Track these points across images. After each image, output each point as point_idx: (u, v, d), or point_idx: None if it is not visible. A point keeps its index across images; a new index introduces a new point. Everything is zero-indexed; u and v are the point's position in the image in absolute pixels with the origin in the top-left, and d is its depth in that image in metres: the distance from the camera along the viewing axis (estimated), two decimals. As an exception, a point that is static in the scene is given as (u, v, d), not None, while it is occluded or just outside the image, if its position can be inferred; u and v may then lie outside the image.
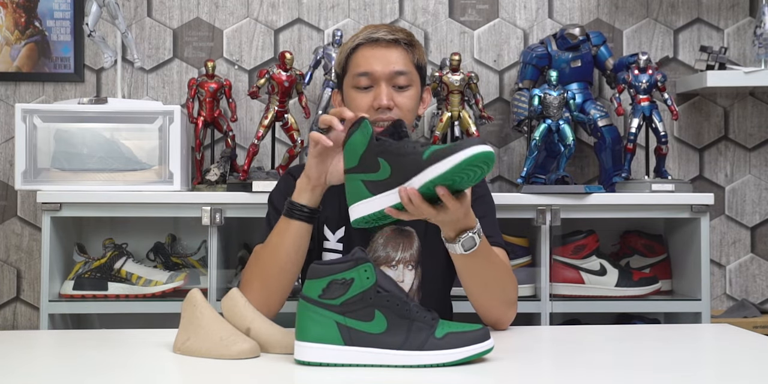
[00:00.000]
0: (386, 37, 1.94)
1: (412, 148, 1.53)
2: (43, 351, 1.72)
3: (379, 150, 1.54)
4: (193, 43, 3.01)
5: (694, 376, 1.44)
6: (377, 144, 1.55)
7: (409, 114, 1.96)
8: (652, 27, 3.07)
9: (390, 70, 1.93)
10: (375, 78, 1.93)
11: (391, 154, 1.53)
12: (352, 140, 1.58)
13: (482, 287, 1.80)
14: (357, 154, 1.56)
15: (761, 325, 2.79)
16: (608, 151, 2.85)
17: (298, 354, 1.45)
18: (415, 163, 1.51)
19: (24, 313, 2.99)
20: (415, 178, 1.52)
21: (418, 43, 2.00)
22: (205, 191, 2.67)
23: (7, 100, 2.98)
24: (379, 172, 1.54)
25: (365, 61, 1.94)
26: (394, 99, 1.93)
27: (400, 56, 1.95)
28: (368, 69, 1.93)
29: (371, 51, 1.94)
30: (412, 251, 1.96)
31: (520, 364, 1.52)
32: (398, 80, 1.94)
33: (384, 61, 1.93)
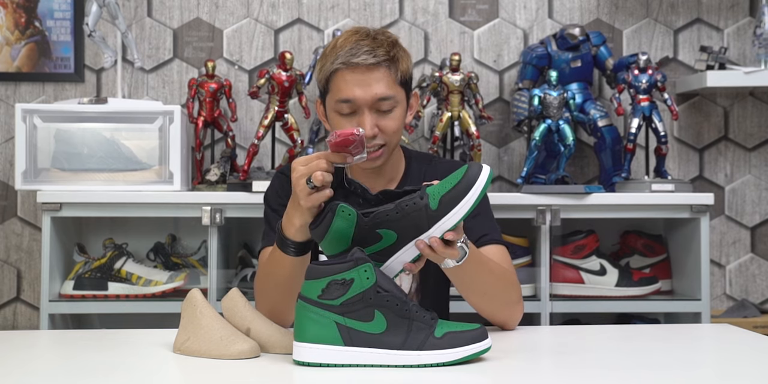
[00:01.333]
0: (367, 62, 1.83)
1: (413, 205, 1.48)
2: (43, 351, 1.71)
3: (376, 223, 1.49)
4: (193, 43, 3.01)
5: (694, 376, 1.44)
6: (370, 219, 1.49)
7: (395, 135, 1.89)
8: (652, 27, 3.07)
9: (372, 96, 1.84)
10: (357, 106, 1.85)
11: (392, 221, 1.49)
12: (335, 227, 1.50)
13: (482, 295, 1.78)
14: (346, 238, 1.50)
15: (761, 325, 2.79)
16: (608, 151, 2.85)
17: (296, 354, 1.45)
18: (425, 217, 1.48)
19: (24, 313, 2.99)
20: (432, 229, 1.49)
21: (401, 55, 1.89)
22: (205, 191, 2.67)
23: (7, 100, 2.98)
24: (382, 241, 1.51)
25: (346, 86, 1.84)
26: (379, 124, 1.85)
27: (382, 79, 1.85)
28: (350, 96, 1.84)
29: (352, 75, 1.84)
30: None
31: (520, 364, 1.52)
32: (381, 106, 1.85)
33: (365, 86, 1.83)
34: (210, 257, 2.61)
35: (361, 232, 1.50)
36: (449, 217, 1.49)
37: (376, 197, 1.55)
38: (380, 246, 1.51)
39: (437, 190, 1.50)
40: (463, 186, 1.48)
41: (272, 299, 1.79)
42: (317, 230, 1.53)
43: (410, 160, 2.02)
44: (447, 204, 1.48)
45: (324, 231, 1.51)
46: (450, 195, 1.48)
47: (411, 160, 2.02)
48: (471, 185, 1.48)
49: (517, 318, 1.85)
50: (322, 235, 1.52)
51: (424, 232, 1.50)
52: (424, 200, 1.49)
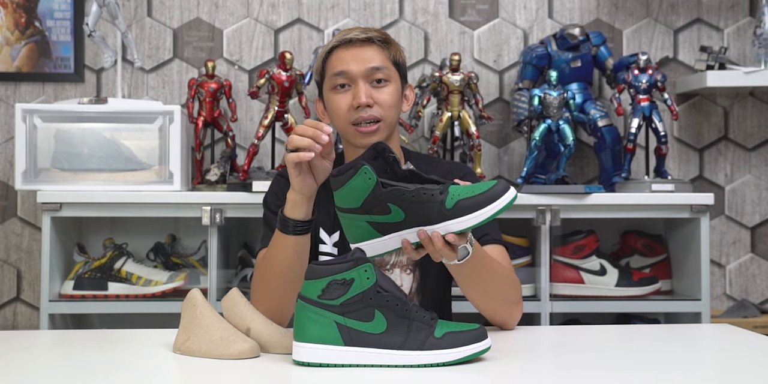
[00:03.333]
0: (359, 37, 1.92)
1: (430, 196, 1.50)
2: (43, 351, 1.71)
3: (389, 196, 1.51)
4: (193, 43, 3.01)
5: (694, 376, 1.44)
6: (386, 191, 1.51)
7: (391, 110, 1.92)
8: (652, 27, 3.07)
9: (366, 67, 1.90)
10: (351, 77, 1.90)
11: (405, 201, 1.50)
12: (352, 185, 1.52)
13: (482, 293, 1.78)
14: (358, 198, 1.52)
15: (761, 325, 2.79)
16: (608, 151, 2.86)
17: (296, 354, 1.45)
18: (436, 211, 1.50)
19: (24, 313, 2.99)
20: (438, 226, 1.50)
21: (393, 41, 1.97)
22: (205, 191, 2.67)
23: (7, 100, 2.98)
24: (389, 215, 1.52)
25: (340, 61, 1.92)
26: (373, 96, 1.90)
27: (376, 53, 1.92)
28: (344, 68, 1.91)
29: (346, 52, 1.92)
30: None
31: (520, 364, 1.52)
32: (376, 75, 1.91)
33: (359, 59, 1.91)
34: (210, 257, 2.61)
35: (373, 199, 1.52)
36: (458, 221, 1.50)
37: (403, 172, 1.56)
38: (385, 219, 1.52)
39: (459, 191, 1.51)
40: (484, 198, 1.49)
41: (271, 292, 1.79)
42: (335, 180, 1.55)
43: (411, 161, 2.02)
44: (461, 208, 1.49)
45: (341, 183, 1.54)
46: (468, 201, 1.49)
47: (411, 161, 2.02)
48: (491, 201, 1.49)
49: (516, 318, 1.85)
50: (337, 186, 1.55)
51: (431, 224, 1.51)
52: (443, 196, 1.50)
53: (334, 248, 1.96)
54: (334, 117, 1.93)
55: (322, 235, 1.96)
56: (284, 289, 1.75)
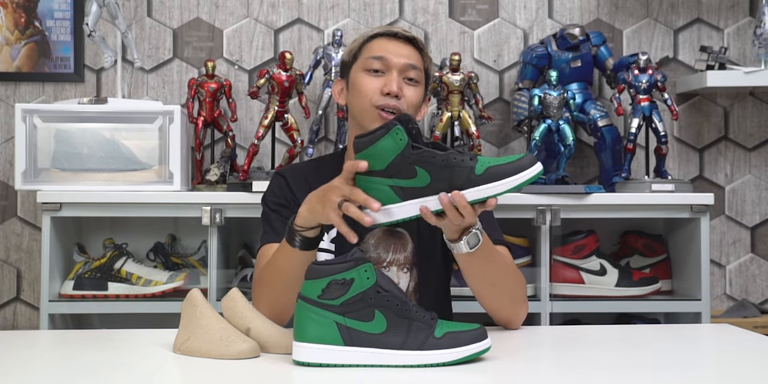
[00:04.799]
0: (405, 34, 1.96)
1: (460, 161, 1.49)
2: (43, 351, 1.71)
3: (418, 159, 1.50)
4: (193, 43, 3.01)
5: (694, 376, 1.44)
6: (415, 153, 1.50)
7: (412, 109, 1.94)
8: (652, 27, 3.07)
9: (404, 62, 1.92)
10: (389, 65, 1.92)
11: (433, 165, 1.49)
12: (381, 145, 1.51)
13: (490, 286, 1.79)
14: (385, 160, 1.51)
15: (761, 325, 2.79)
16: (608, 151, 2.86)
17: (296, 354, 1.45)
18: (465, 176, 1.49)
19: (24, 313, 2.99)
20: (466, 192, 1.50)
21: (428, 52, 2.02)
22: (205, 191, 2.67)
23: (7, 100, 2.98)
24: (415, 179, 1.51)
25: (381, 47, 1.94)
26: (403, 90, 1.91)
27: (414, 53, 1.95)
28: (384, 54, 1.92)
29: (388, 42, 1.95)
30: (406, 253, 1.95)
31: (520, 364, 1.52)
32: (410, 73, 1.93)
33: (400, 52, 1.93)
34: (210, 257, 2.61)
35: (401, 161, 1.50)
36: (486, 187, 1.49)
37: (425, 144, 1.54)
38: (409, 183, 1.51)
39: (489, 160, 1.51)
40: (513, 167, 1.49)
41: (274, 293, 1.79)
42: (361, 141, 1.53)
43: None
44: (491, 175, 1.49)
45: (368, 143, 1.52)
46: (498, 169, 1.49)
47: None
48: (520, 170, 1.49)
49: (521, 317, 1.86)
50: (363, 147, 1.52)
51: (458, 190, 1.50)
52: (473, 162, 1.50)
53: (331, 245, 1.96)
54: (358, 96, 1.93)
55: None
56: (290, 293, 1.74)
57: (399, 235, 1.96)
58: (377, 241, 1.95)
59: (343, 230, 1.58)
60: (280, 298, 1.77)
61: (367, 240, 1.96)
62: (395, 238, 1.96)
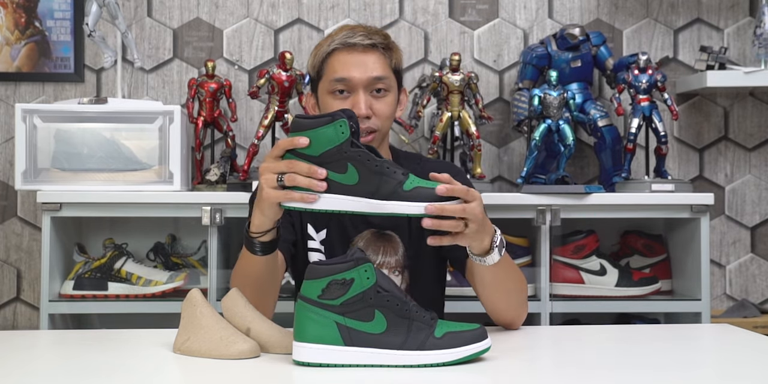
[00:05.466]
0: (363, 42, 1.89)
1: (392, 172, 1.49)
2: (43, 351, 1.71)
3: (353, 157, 1.49)
4: (193, 43, 3.01)
5: (694, 376, 1.44)
6: (353, 150, 1.49)
7: (387, 121, 1.92)
8: (652, 27, 3.07)
9: (368, 77, 1.88)
10: (352, 85, 1.88)
11: (366, 168, 1.49)
12: (321, 132, 1.49)
13: (506, 294, 1.78)
14: (321, 147, 1.49)
15: (761, 325, 2.79)
16: (608, 151, 2.85)
17: (296, 355, 1.45)
18: (391, 188, 1.49)
19: (24, 313, 2.99)
20: (390, 204, 1.49)
21: (395, 46, 1.95)
22: (205, 191, 2.67)
23: (7, 100, 2.98)
24: (344, 175, 1.49)
25: (342, 66, 1.89)
26: (372, 107, 1.89)
27: (378, 61, 1.90)
28: (345, 75, 1.88)
29: (348, 56, 1.89)
30: (397, 256, 1.95)
31: (520, 364, 1.52)
32: (377, 85, 1.89)
33: (362, 67, 1.88)
34: (210, 257, 2.61)
35: (336, 154, 1.48)
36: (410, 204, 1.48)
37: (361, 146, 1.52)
38: (338, 178, 1.49)
39: (419, 181, 1.50)
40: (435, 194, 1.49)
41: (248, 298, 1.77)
42: (302, 122, 1.50)
43: (398, 160, 2.02)
44: (416, 194, 1.49)
45: (309, 126, 1.50)
46: (425, 191, 1.49)
47: (399, 160, 2.03)
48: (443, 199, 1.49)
49: (523, 317, 1.86)
50: (302, 129, 1.50)
51: (377, 199, 1.49)
52: (404, 177, 1.50)
53: (321, 246, 1.96)
54: None
55: (310, 231, 1.97)
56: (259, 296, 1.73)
57: (388, 238, 1.95)
58: (366, 243, 1.95)
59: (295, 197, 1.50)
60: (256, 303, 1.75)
61: (356, 242, 1.95)
62: (384, 240, 1.95)
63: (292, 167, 1.50)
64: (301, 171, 1.49)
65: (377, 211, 1.49)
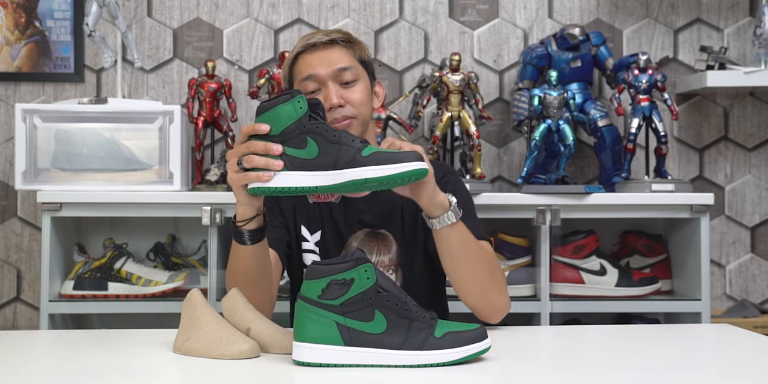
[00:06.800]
0: (322, 40, 1.93)
1: (350, 141, 1.52)
2: (43, 351, 1.72)
3: (311, 129, 1.52)
4: (193, 43, 3.01)
5: (694, 376, 1.44)
6: (311, 123, 1.52)
7: (363, 108, 1.93)
8: (652, 27, 3.07)
9: (333, 69, 1.91)
10: (320, 79, 1.91)
11: (324, 138, 1.52)
12: (281, 109, 1.53)
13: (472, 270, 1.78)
14: (281, 125, 1.53)
15: (761, 325, 2.79)
16: (608, 151, 2.85)
17: (296, 355, 1.45)
18: (351, 155, 1.51)
19: (24, 313, 2.99)
20: (348, 171, 1.51)
21: (357, 40, 1.98)
22: (205, 191, 2.67)
23: (7, 100, 2.98)
24: (304, 150, 1.52)
25: (307, 65, 1.92)
26: (344, 96, 1.90)
27: (341, 54, 1.93)
28: (311, 72, 1.91)
29: (311, 56, 1.92)
30: (390, 255, 1.95)
31: (520, 364, 1.52)
32: (344, 76, 1.91)
33: (325, 61, 1.91)
34: (210, 257, 2.61)
35: (295, 129, 1.52)
36: (367, 169, 1.51)
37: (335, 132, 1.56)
38: (298, 153, 1.53)
39: (375, 148, 1.53)
40: (395, 157, 1.51)
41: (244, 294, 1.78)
42: (265, 104, 1.55)
43: None
44: (372, 159, 1.51)
45: (268, 107, 1.54)
46: (381, 156, 1.51)
47: None
48: (400, 161, 1.51)
49: (502, 306, 1.84)
50: (264, 110, 1.55)
51: (337, 169, 1.51)
52: (363, 144, 1.53)
53: (316, 247, 1.97)
54: None
55: (303, 232, 1.98)
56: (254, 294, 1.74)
57: (382, 237, 1.96)
58: (360, 243, 1.95)
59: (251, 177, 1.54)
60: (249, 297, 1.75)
61: (350, 243, 1.96)
62: (378, 239, 1.96)
63: (249, 148, 1.55)
64: (257, 150, 1.54)
65: (336, 181, 1.52)
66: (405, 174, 1.51)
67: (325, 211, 1.98)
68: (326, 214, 1.98)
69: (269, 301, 1.83)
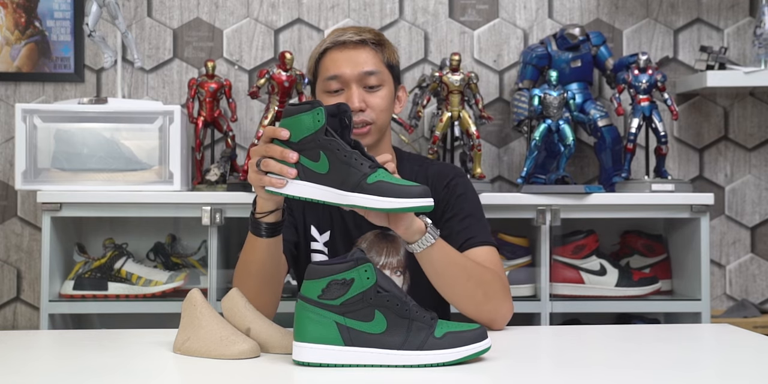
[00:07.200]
0: (353, 39, 1.91)
1: (359, 164, 1.51)
2: (43, 351, 1.72)
3: (325, 145, 1.52)
4: (193, 43, 3.01)
5: (694, 376, 1.44)
6: (326, 138, 1.52)
7: (382, 114, 1.93)
8: (652, 27, 3.07)
9: (359, 71, 1.90)
10: (345, 80, 1.90)
11: (336, 157, 1.51)
12: (300, 118, 1.53)
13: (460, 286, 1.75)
14: (299, 134, 1.53)
15: (761, 325, 2.79)
16: (608, 151, 2.85)
17: (296, 355, 1.45)
18: (356, 179, 1.51)
19: (24, 313, 2.99)
20: (353, 196, 1.51)
21: (387, 42, 1.97)
22: (205, 191, 2.67)
23: (7, 100, 2.98)
24: (317, 163, 1.52)
25: (333, 64, 1.91)
26: (366, 100, 1.90)
27: (369, 56, 1.92)
28: (337, 72, 1.90)
29: (339, 54, 1.91)
30: (399, 257, 1.95)
31: (520, 364, 1.52)
32: (369, 80, 1.91)
33: (352, 62, 1.90)
34: (210, 257, 2.61)
35: (311, 141, 1.52)
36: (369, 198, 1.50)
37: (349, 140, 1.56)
38: (312, 166, 1.53)
39: (386, 175, 1.52)
40: (401, 191, 1.50)
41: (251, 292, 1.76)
42: (290, 108, 1.55)
43: (402, 161, 2.02)
44: (377, 188, 1.50)
45: (290, 114, 1.54)
46: (386, 187, 1.50)
47: (403, 161, 2.03)
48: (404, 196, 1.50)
49: (502, 316, 1.81)
50: (287, 115, 1.55)
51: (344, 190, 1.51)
52: (370, 170, 1.51)
53: (325, 247, 1.96)
54: None
55: (313, 232, 1.97)
56: (262, 289, 1.75)
57: (391, 239, 1.96)
58: (369, 244, 1.95)
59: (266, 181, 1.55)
60: (257, 296, 1.74)
61: (359, 244, 1.96)
62: (387, 241, 1.96)
63: (268, 151, 1.55)
64: (275, 154, 1.54)
65: (342, 202, 1.52)
66: (409, 209, 1.50)
67: (334, 211, 1.97)
68: (336, 214, 1.97)
69: (275, 301, 1.83)
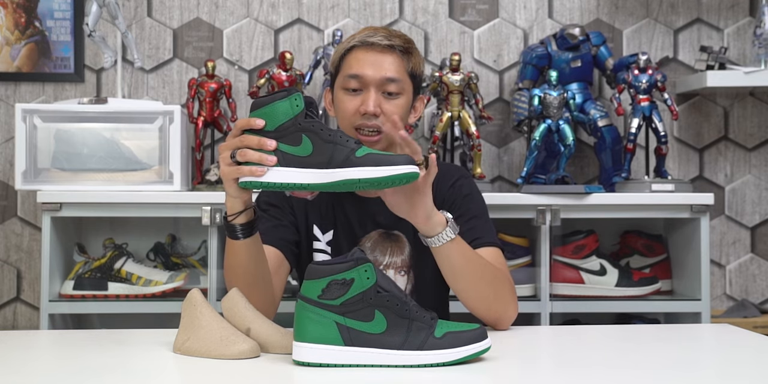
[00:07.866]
0: (382, 42, 1.89)
1: (345, 141, 1.52)
2: (43, 351, 1.72)
3: (307, 128, 1.52)
4: (193, 43, 3.01)
5: (694, 376, 1.44)
6: (306, 121, 1.52)
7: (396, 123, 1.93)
8: (652, 27, 3.07)
9: (381, 76, 1.87)
10: (365, 82, 1.88)
11: (319, 137, 1.52)
12: (277, 106, 1.52)
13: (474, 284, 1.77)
14: (276, 121, 1.53)
15: (761, 325, 2.79)
16: (608, 151, 2.85)
17: (296, 355, 1.45)
18: (345, 155, 1.51)
19: (24, 313, 2.99)
20: (341, 171, 1.51)
21: (415, 51, 1.94)
22: (205, 191, 2.67)
23: (7, 100, 2.98)
24: (298, 147, 1.52)
25: (357, 63, 1.89)
26: (382, 106, 1.87)
27: (394, 63, 1.89)
28: (359, 72, 1.88)
29: (365, 54, 1.89)
30: (403, 256, 1.95)
31: (520, 364, 1.52)
32: (389, 87, 1.88)
33: (376, 65, 1.88)
34: (210, 257, 2.61)
35: (291, 126, 1.53)
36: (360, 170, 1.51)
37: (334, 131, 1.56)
38: (292, 150, 1.52)
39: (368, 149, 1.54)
40: (388, 160, 1.51)
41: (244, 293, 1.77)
42: (261, 100, 1.55)
43: None
44: (367, 160, 1.51)
45: (266, 102, 1.54)
46: (375, 158, 1.51)
47: None
48: (392, 164, 1.51)
49: (510, 316, 1.83)
50: (259, 106, 1.55)
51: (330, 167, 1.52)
52: (357, 146, 1.53)
53: (328, 247, 1.96)
54: (340, 115, 1.92)
55: (315, 232, 1.97)
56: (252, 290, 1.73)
57: (396, 238, 1.96)
58: (374, 244, 1.95)
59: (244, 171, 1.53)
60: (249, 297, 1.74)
61: (364, 243, 1.95)
62: (392, 241, 1.96)
63: (243, 142, 1.54)
64: (251, 144, 1.53)
65: (328, 180, 1.52)
66: (397, 177, 1.51)
67: (338, 210, 1.96)
68: (339, 213, 1.97)
69: (271, 302, 1.82)
